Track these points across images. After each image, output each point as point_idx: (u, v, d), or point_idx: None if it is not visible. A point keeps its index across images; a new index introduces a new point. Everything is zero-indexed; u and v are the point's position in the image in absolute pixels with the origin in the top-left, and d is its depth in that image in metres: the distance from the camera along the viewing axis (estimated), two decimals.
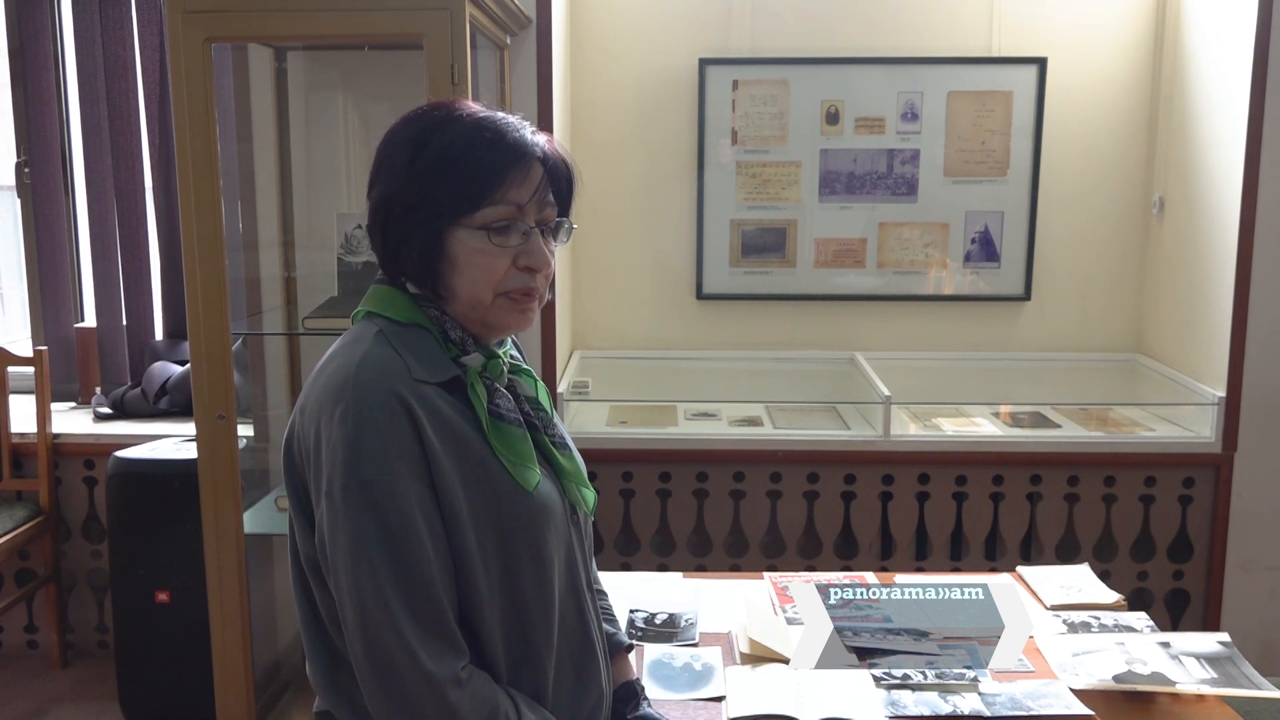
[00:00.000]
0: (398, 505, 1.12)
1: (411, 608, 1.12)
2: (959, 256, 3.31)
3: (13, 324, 4.30)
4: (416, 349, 1.20)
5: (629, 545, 2.98)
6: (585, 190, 3.68)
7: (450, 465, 1.16)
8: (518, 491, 1.20)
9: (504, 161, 1.18)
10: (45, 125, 3.36)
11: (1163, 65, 3.20)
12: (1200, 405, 2.91)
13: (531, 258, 1.21)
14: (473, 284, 1.20)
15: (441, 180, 1.18)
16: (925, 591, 1.69)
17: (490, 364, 1.25)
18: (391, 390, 1.14)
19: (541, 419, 1.31)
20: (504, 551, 1.19)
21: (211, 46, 2.25)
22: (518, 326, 1.25)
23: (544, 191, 1.23)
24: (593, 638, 1.32)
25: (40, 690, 3.10)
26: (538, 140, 1.23)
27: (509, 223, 1.19)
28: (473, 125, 1.20)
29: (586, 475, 1.39)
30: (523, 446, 1.23)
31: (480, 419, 1.21)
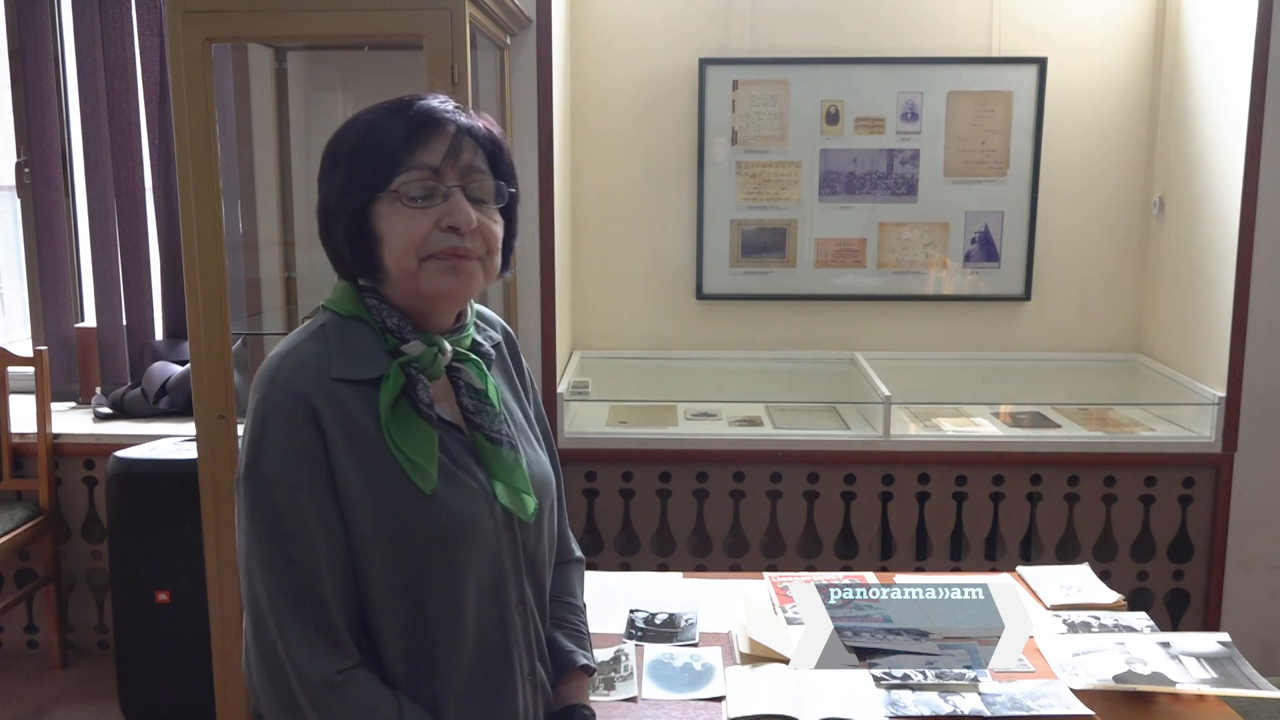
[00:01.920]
0: (291, 505, 1.14)
1: (291, 608, 1.13)
2: (959, 256, 3.31)
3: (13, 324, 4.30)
4: (350, 343, 1.20)
5: (629, 545, 2.98)
6: (585, 190, 3.69)
7: (354, 467, 1.15)
8: (414, 493, 1.17)
9: (410, 129, 1.19)
10: (45, 125, 3.36)
11: (1163, 65, 3.20)
12: (1200, 405, 2.91)
13: (452, 216, 1.18)
14: (396, 252, 1.19)
15: (355, 163, 1.19)
16: (925, 591, 1.68)
17: (424, 354, 1.21)
18: (300, 392, 1.15)
19: (486, 414, 1.25)
20: (407, 557, 1.16)
21: (211, 46, 2.25)
22: (452, 290, 1.21)
23: (461, 156, 1.20)
24: (512, 656, 1.26)
25: (40, 690, 3.10)
26: (451, 109, 1.23)
27: (424, 184, 1.18)
28: (383, 108, 1.23)
29: (550, 477, 1.34)
30: (424, 445, 1.18)
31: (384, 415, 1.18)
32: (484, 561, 1.22)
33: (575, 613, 1.45)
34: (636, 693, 1.59)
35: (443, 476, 1.19)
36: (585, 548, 2.97)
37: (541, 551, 1.32)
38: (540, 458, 1.35)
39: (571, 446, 2.93)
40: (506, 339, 1.42)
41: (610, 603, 1.91)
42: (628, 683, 1.62)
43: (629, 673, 1.64)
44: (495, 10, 2.46)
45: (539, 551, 1.31)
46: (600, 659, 1.68)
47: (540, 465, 1.33)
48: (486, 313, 1.43)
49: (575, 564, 1.50)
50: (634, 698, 1.58)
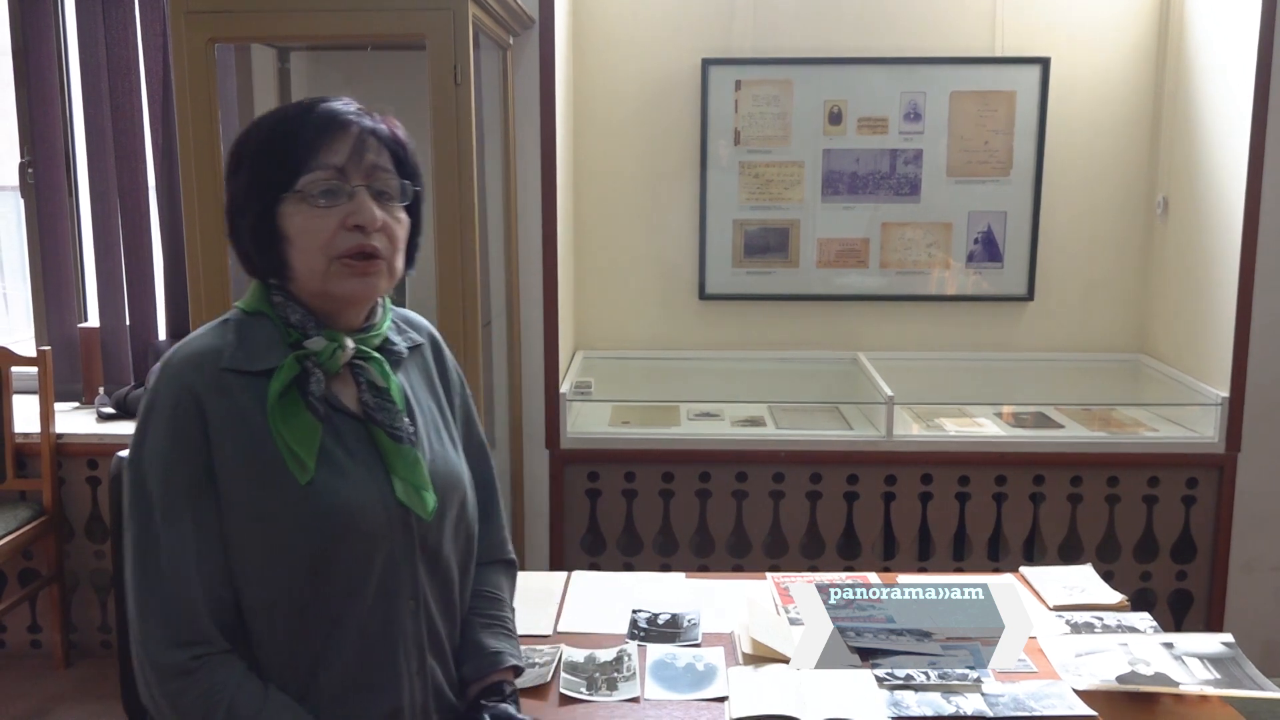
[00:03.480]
0: (165, 494, 1.16)
1: (153, 594, 1.16)
2: (962, 256, 3.31)
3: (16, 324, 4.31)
4: (250, 336, 1.23)
5: (631, 545, 2.98)
6: (588, 191, 3.69)
7: (236, 457, 1.17)
8: (291, 483, 1.18)
9: (313, 130, 1.21)
10: (49, 126, 3.37)
11: (1166, 65, 3.19)
12: (1204, 405, 2.91)
13: (358, 215, 1.21)
14: (304, 252, 1.21)
15: (260, 164, 1.22)
16: (927, 592, 1.68)
17: (324, 349, 1.23)
18: (185, 383, 1.18)
19: (387, 411, 1.26)
20: (285, 546, 1.18)
21: (214, 47, 2.26)
22: (360, 293, 1.24)
23: (366, 155, 1.23)
24: (398, 650, 1.26)
25: (43, 690, 3.10)
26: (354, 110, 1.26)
27: (329, 185, 1.20)
28: (287, 110, 1.25)
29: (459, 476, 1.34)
30: (306, 436, 1.19)
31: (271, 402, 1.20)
32: (371, 554, 1.22)
33: (502, 609, 1.45)
34: (639, 693, 1.59)
35: (332, 468, 1.21)
36: (588, 548, 2.97)
37: (447, 549, 1.32)
38: (451, 456, 1.36)
39: (574, 447, 2.93)
40: (433, 343, 1.45)
41: (613, 603, 1.92)
42: (630, 683, 1.62)
43: (631, 673, 1.64)
44: (498, 10, 2.46)
45: (443, 548, 1.31)
46: (602, 659, 1.69)
47: (449, 464, 1.34)
48: (414, 317, 1.46)
49: (504, 564, 1.51)
50: (636, 698, 1.58)
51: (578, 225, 3.32)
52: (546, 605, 1.91)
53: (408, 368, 1.37)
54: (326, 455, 1.21)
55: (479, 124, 2.51)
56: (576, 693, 1.59)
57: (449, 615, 1.35)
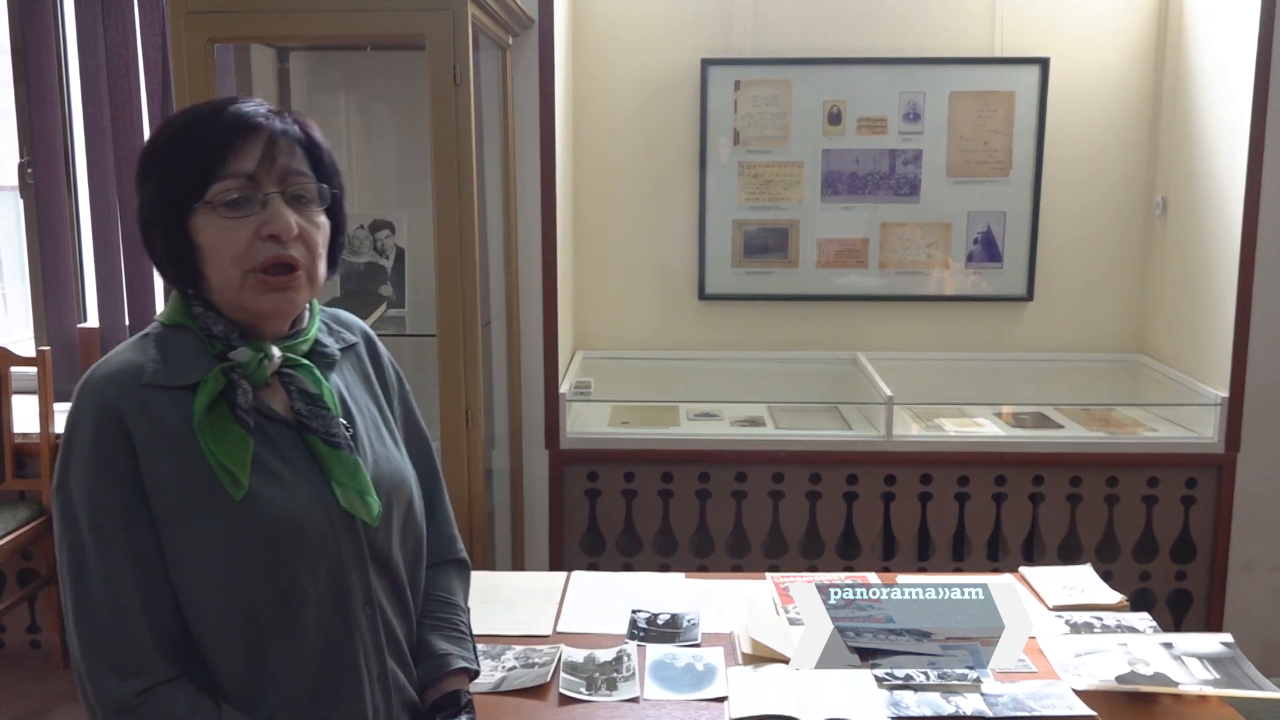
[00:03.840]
0: (95, 520, 1.12)
1: (88, 624, 1.11)
2: (961, 257, 3.31)
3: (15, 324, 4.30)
4: (172, 351, 1.18)
5: (631, 545, 2.98)
6: (587, 191, 3.68)
7: (168, 475, 1.13)
8: (227, 499, 1.14)
9: (221, 135, 1.15)
10: (48, 125, 3.37)
11: (1165, 65, 3.19)
12: (1203, 406, 2.91)
13: (272, 224, 1.15)
14: (219, 266, 1.16)
15: (168, 173, 1.16)
16: (927, 592, 1.68)
17: (249, 360, 1.19)
18: (106, 402, 1.13)
19: (322, 418, 1.22)
20: (228, 562, 1.14)
21: (214, 47, 2.26)
22: (279, 309, 1.20)
23: (278, 159, 1.17)
24: (358, 657, 1.23)
25: (43, 690, 3.10)
26: (265, 113, 1.19)
27: (241, 194, 1.15)
28: (194, 113, 1.18)
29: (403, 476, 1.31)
30: (237, 450, 1.15)
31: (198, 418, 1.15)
32: (319, 563, 1.19)
33: (453, 612, 1.42)
34: (639, 693, 1.60)
35: (270, 479, 1.17)
36: (587, 548, 2.97)
37: (395, 551, 1.29)
38: (394, 456, 1.33)
39: (574, 447, 2.93)
40: (367, 341, 1.41)
41: (612, 603, 1.92)
42: (630, 683, 1.62)
43: (631, 673, 1.64)
44: (497, 11, 2.46)
45: (392, 552, 1.29)
46: (602, 659, 1.69)
47: (392, 464, 1.31)
48: (345, 316, 1.42)
49: (457, 564, 1.48)
50: (636, 698, 1.58)
51: (577, 225, 3.32)
52: (546, 605, 1.92)
53: (343, 369, 1.34)
54: (263, 466, 1.18)
55: (478, 124, 2.51)
56: (576, 693, 1.59)
57: (404, 617, 1.33)
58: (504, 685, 1.61)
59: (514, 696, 1.59)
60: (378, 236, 2.82)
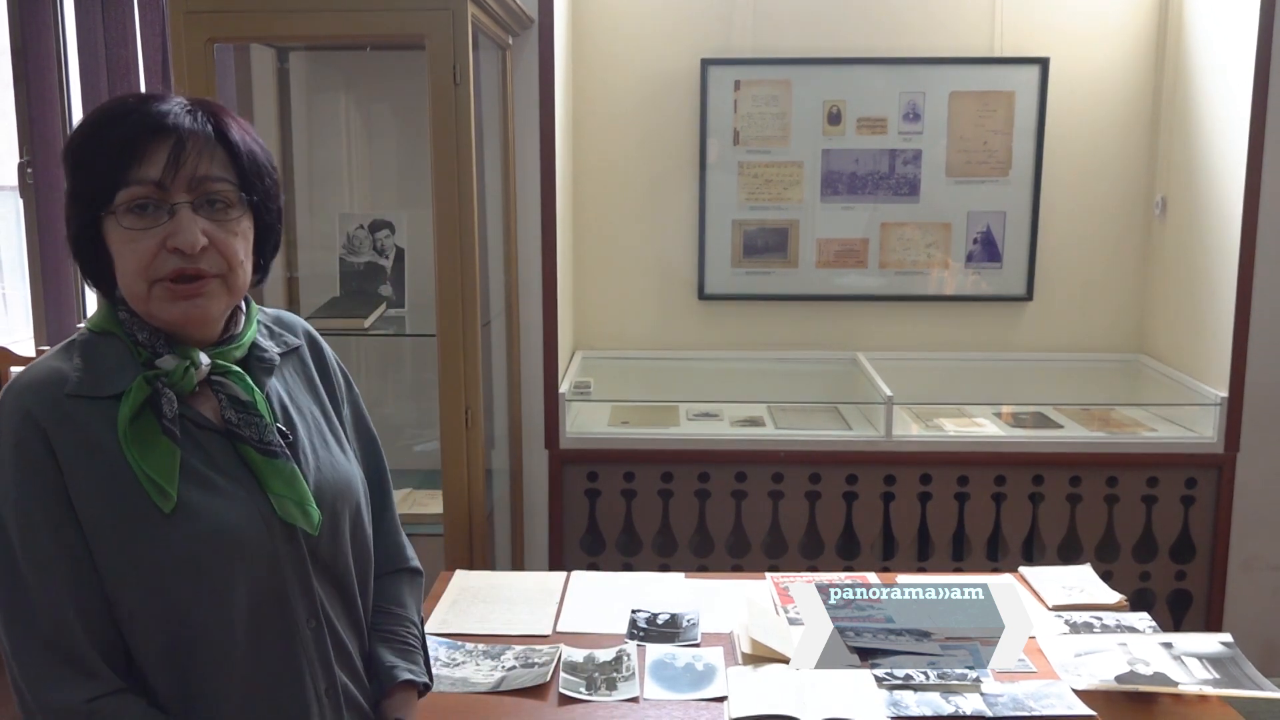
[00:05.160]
0: (24, 533, 1.08)
1: (31, 639, 1.08)
2: (961, 257, 3.31)
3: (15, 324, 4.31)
4: (97, 359, 1.14)
5: (631, 545, 2.98)
6: (587, 191, 3.68)
7: (92, 488, 1.09)
8: (155, 511, 1.09)
9: (129, 139, 1.09)
10: (48, 125, 3.36)
11: (1165, 65, 3.19)
12: (1203, 405, 2.91)
13: (177, 237, 1.09)
14: (125, 276, 1.12)
15: (77, 177, 1.12)
16: (926, 592, 1.69)
17: (175, 368, 1.14)
18: (26, 413, 1.09)
19: (255, 425, 1.17)
20: (158, 576, 1.10)
21: (214, 47, 2.26)
22: (187, 318, 1.14)
23: (186, 164, 1.10)
24: (302, 672, 1.19)
25: None
26: (178, 112, 1.11)
27: (144, 201, 1.09)
28: (103, 113, 1.12)
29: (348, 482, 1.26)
30: (164, 462, 1.10)
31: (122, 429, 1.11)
32: (256, 575, 1.15)
33: (402, 624, 1.37)
34: (638, 693, 1.60)
35: (201, 489, 1.13)
36: (587, 548, 2.97)
37: (342, 560, 1.25)
38: (339, 462, 1.28)
39: (573, 447, 2.93)
40: (310, 343, 1.36)
41: (612, 603, 1.92)
42: (630, 683, 1.62)
43: (631, 673, 1.64)
44: (497, 10, 2.46)
45: (337, 560, 1.24)
46: (602, 659, 1.69)
47: (336, 470, 1.26)
48: (287, 317, 1.37)
49: (408, 574, 1.43)
50: (636, 698, 1.58)
51: (577, 225, 3.32)
52: (546, 605, 1.92)
53: (285, 373, 1.28)
54: (194, 476, 1.13)
55: (478, 124, 2.51)
56: (576, 693, 1.59)
57: (354, 627, 1.28)
58: (504, 685, 1.61)
59: (514, 696, 1.59)
60: (377, 236, 2.82)
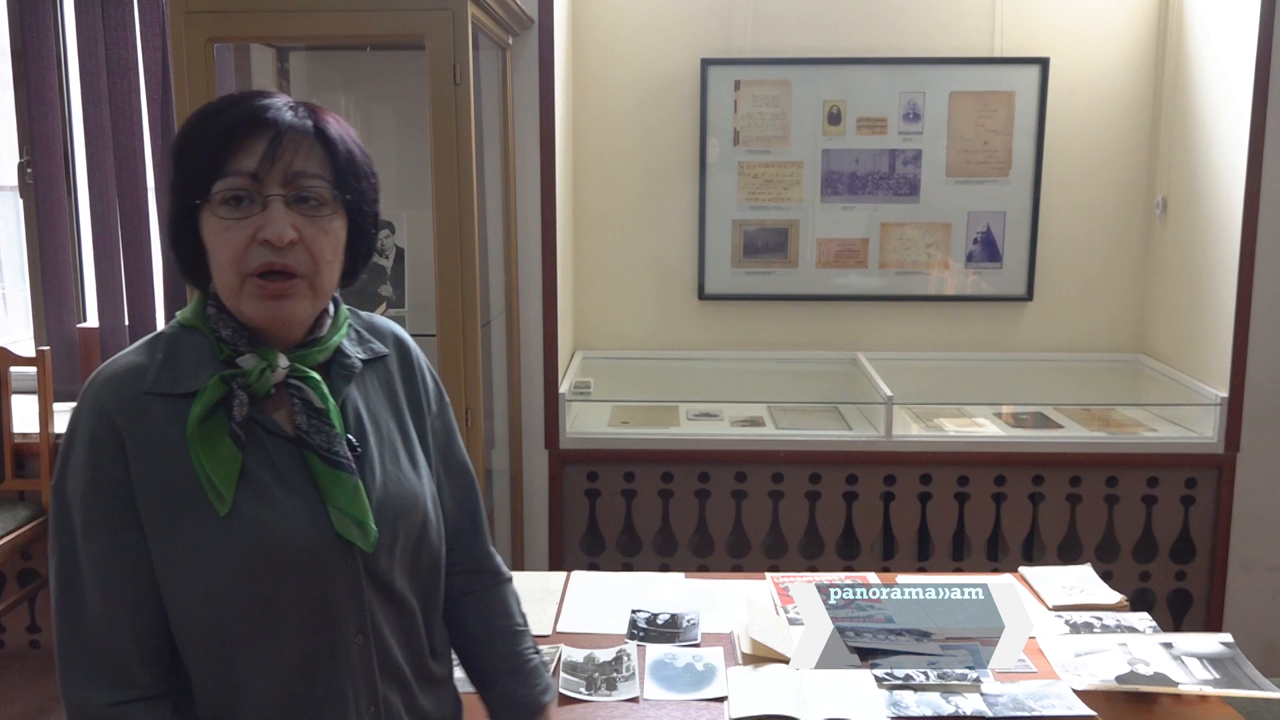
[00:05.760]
0: (86, 526, 1.10)
1: (74, 630, 1.10)
2: (961, 257, 3.31)
3: (15, 324, 4.31)
4: (179, 355, 1.15)
5: (631, 545, 2.98)
6: (587, 191, 3.68)
7: (156, 486, 1.10)
8: (211, 514, 1.10)
9: (228, 131, 1.10)
10: (48, 125, 3.36)
11: (1165, 65, 3.19)
12: (1203, 406, 2.91)
13: (266, 229, 1.09)
14: (219, 268, 1.12)
15: (178, 167, 1.13)
16: (926, 592, 1.68)
17: (252, 369, 1.13)
18: (104, 409, 1.10)
19: (325, 435, 1.15)
20: (207, 578, 1.10)
21: (214, 47, 2.26)
22: (273, 317, 1.13)
23: (283, 158, 1.10)
24: (344, 685, 1.17)
25: (43, 690, 3.10)
26: (280, 107, 1.12)
27: (239, 193, 1.10)
28: (207, 108, 1.14)
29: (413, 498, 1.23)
30: (225, 465, 1.10)
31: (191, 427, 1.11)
32: (304, 586, 1.14)
33: (521, 640, 1.37)
34: (638, 693, 1.60)
35: (258, 497, 1.12)
36: (587, 548, 2.97)
37: (401, 578, 1.22)
38: (407, 479, 1.24)
39: (573, 447, 2.93)
40: (399, 352, 1.32)
41: (612, 603, 1.92)
42: (629, 683, 1.62)
43: (631, 673, 1.64)
44: (497, 11, 2.46)
45: (395, 578, 1.21)
46: (602, 659, 1.69)
47: (402, 487, 1.22)
48: (381, 323, 1.33)
49: (505, 584, 1.41)
50: (636, 698, 1.58)
51: (577, 225, 3.32)
52: (546, 605, 1.92)
53: (365, 382, 1.25)
54: (254, 482, 1.12)
55: (478, 124, 2.51)
56: (576, 693, 1.59)
57: (411, 645, 1.25)
58: None
59: None
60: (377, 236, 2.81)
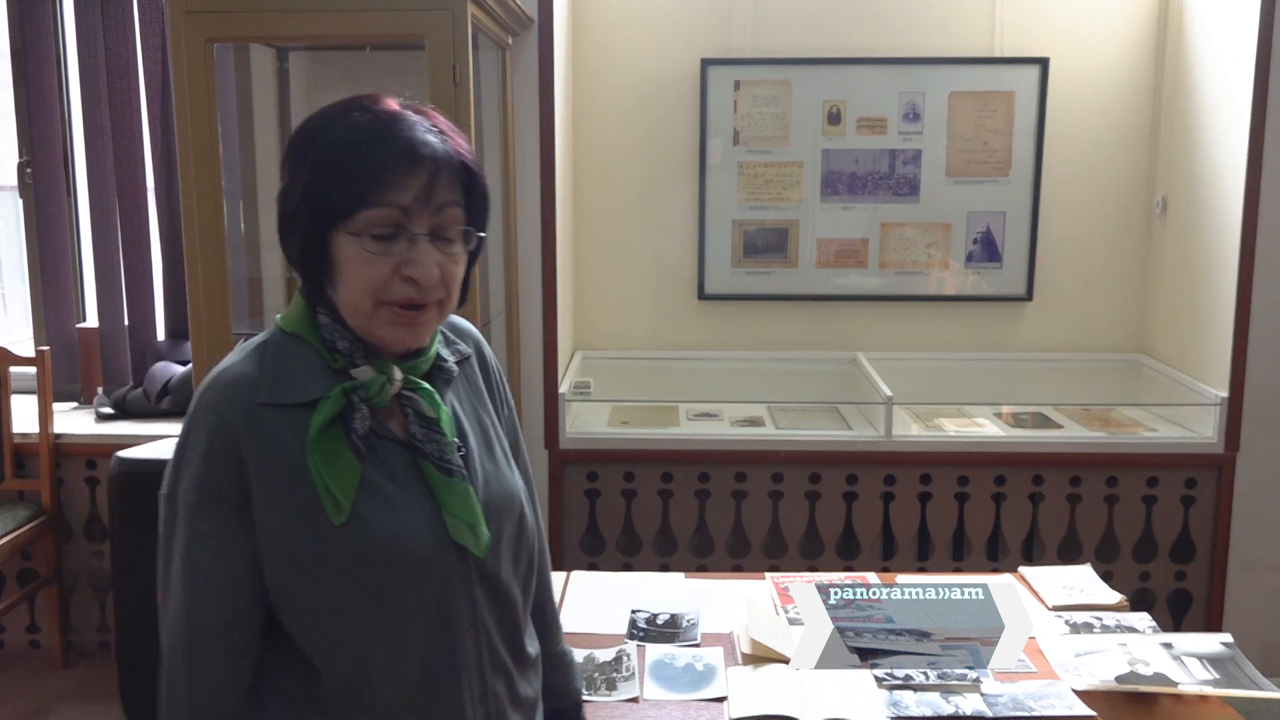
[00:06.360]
0: (196, 533, 1.11)
1: (187, 639, 1.12)
2: (961, 257, 3.31)
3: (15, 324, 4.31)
4: (288, 364, 1.14)
5: (631, 545, 2.98)
6: (587, 191, 3.68)
7: (276, 494, 1.10)
8: (327, 523, 1.10)
9: (386, 160, 1.08)
10: (47, 126, 3.36)
11: (1165, 65, 3.19)
12: (1202, 406, 2.91)
13: (415, 268, 1.09)
14: (352, 292, 1.11)
15: (323, 179, 1.10)
16: (926, 592, 1.68)
17: (370, 380, 1.13)
18: (222, 418, 1.09)
19: (436, 443, 1.16)
20: (332, 584, 1.11)
21: (213, 47, 2.26)
22: (402, 343, 1.14)
23: (436, 195, 1.10)
24: (459, 679, 1.18)
25: (42, 690, 3.10)
26: (433, 141, 1.12)
27: (391, 229, 1.09)
28: (364, 121, 1.12)
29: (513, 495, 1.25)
30: (345, 476, 1.10)
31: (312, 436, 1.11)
32: (424, 588, 1.15)
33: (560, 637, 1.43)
34: (638, 693, 1.60)
35: (377, 502, 1.13)
36: (587, 548, 2.97)
37: (506, 573, 1.24)
38: (505, 475, 1.26)
39: (573, 447, 2.93)
40: (477, 351, 1.33)
41: (612, 603, 1.92)
42: (629, 683, 1.62)
43: (631, 673, 1.64)
44: (497, 10, 2.46)
45: (502, 574, 1.23)
46: (602, 659, 1.69)
47: (502, 484, 1.25)
48: (461, 324, 1.34)
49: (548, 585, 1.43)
50: (635, 698, 1.58)
51: (576, 225, 3.32)
52: None
53: (456, 384, 1.26)
54: (372, 489, 1.13)
55: (478, 124, 2.51)
56: None
57: (512, 636, 1.27)
58: None
59: None
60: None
